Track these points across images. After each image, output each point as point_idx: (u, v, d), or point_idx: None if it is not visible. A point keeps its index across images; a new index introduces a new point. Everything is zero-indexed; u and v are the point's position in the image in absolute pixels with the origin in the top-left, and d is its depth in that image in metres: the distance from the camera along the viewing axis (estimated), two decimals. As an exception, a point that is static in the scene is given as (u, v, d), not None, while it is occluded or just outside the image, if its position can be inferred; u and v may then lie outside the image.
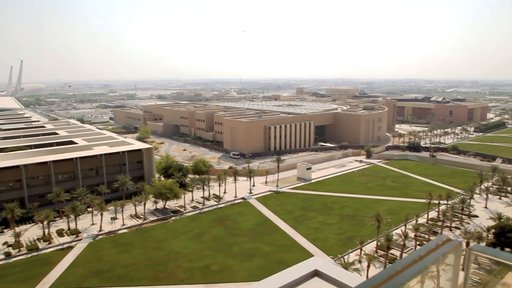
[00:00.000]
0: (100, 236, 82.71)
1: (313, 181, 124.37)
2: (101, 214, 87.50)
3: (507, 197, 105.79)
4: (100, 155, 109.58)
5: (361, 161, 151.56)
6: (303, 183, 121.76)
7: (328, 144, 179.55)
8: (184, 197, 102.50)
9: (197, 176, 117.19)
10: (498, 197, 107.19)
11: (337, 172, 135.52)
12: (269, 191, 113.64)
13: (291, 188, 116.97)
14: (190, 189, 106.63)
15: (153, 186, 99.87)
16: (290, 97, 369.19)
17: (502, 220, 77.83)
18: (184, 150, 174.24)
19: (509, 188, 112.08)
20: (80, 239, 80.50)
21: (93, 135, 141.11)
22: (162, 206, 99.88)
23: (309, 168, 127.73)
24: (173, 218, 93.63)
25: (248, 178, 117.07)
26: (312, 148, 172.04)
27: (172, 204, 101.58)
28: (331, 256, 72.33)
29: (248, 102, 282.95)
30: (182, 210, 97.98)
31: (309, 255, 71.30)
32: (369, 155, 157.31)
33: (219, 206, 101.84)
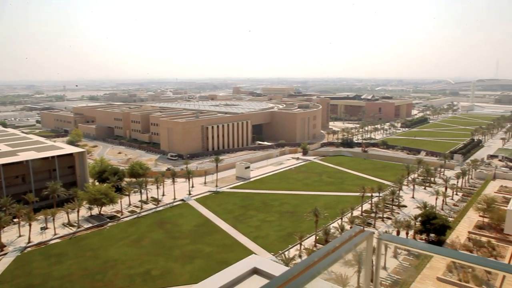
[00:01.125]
0: (29, 248, 77.47)
1: (252, 179, 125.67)
2: (30, 225, 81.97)
3: (431, 187, 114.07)
4: (26, 161, 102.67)
5: (298, 158, 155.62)
6: (242, 182, 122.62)
7: (266, 143, 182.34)
8: (121, 201, 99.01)
9: (133, 180, 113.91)
10: (423, 187, 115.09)
11: (275, 170, 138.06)
12: (209, 191, 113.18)
13: (231, 188, 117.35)
14: (127, 193, 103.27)
15: (87, 192, 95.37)
16: (227, 96, 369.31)
17: (427, 208, 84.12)
18: (119, 153, 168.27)
19: (432, 179, 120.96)
20: (5, 253, 74.76)
21: (17, 139, 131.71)
22: (98, 212, 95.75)
23: (247, 167, 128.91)
24: (109, 224, 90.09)
25: (187, 179, 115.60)
26: (250, 147, 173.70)
27: (108, 209, 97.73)
28: (272, 253, 73.62)
29: (185, 102, 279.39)
30: (119, 215, 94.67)
31: (250, 253, 71.89)
32: (305, 152, 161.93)
33: (158, 209, 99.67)
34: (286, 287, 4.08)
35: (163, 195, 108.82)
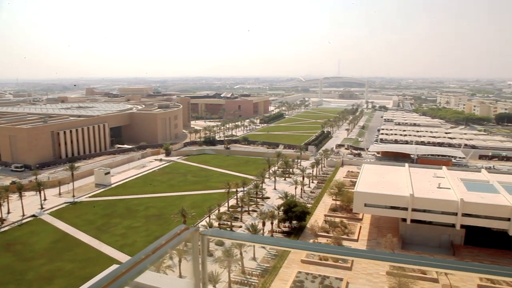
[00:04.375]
0: None
1: (113, 185, 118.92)
2: None
3: (290, 177, 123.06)
4: None
5: (161, 160, 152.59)
6: (102, 189, 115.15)
7: (126, 146, 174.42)
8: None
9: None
10: (283, 178, 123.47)
11: (138, 173, 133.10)
12: (65, 202, 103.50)
13: (90, 196, 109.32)
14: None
15: None
16: (80, 98, 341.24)
17: (288, 198, 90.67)
18: None
19: (291, 170, 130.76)
20: None
21: None
22: None
23: (107, 173, 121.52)
24: None
25: (37, 192, 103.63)
26: (109, 151, 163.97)
27: None
28: (140, 260, 70.78)
29: (30, 106, 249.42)
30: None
31: (118, 263, 68.19)
32: (168, 153, 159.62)
33: (3, 229, 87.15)
34: (114, 283, 4.26)
35: (9, 212, 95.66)
